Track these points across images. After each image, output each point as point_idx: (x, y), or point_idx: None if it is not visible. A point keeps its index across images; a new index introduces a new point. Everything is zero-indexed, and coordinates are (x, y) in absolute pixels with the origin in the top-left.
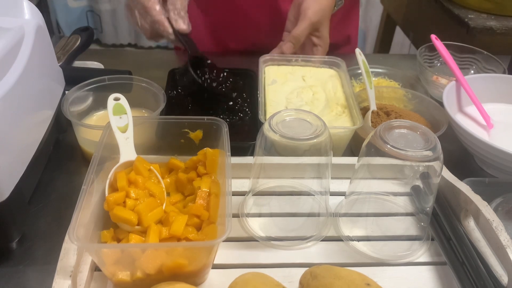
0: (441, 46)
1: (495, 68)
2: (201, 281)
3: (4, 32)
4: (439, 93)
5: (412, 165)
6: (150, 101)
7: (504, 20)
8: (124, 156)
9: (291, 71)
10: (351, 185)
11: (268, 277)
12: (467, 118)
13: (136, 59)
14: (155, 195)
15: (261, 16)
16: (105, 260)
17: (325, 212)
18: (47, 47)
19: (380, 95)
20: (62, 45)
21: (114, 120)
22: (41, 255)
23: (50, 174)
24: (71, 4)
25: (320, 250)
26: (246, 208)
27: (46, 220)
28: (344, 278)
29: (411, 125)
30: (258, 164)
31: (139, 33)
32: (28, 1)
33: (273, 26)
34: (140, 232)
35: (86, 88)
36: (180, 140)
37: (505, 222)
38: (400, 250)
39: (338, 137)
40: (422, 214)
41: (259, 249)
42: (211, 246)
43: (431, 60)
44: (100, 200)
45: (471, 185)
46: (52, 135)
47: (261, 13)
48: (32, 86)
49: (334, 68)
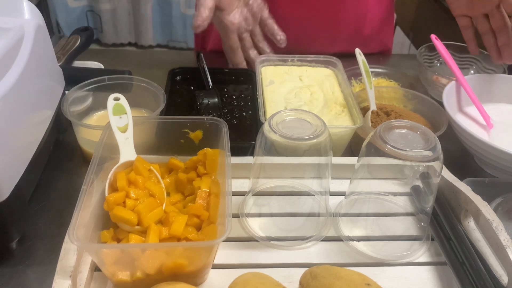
0: (441, 46)
1: (495, 68)
2: (201, 281)
3: (4, 32)
4: (439, 93)
5: (412, 165)
6: (150, 101)
7: None
8: (124, 156)
9: (287, 71)
10: (351, 185)
11: (268, 277)
12: (467, 118)
13: (136, 59)
14: (155, 195)
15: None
16: (105, 260)
17: (325, 212)
18: (47, 47)
19: (380, 95)
20: (62, 45)
21: (114, 120)
22: (41, 255)
23: (50, 174)
24: (71, 4)
25: (320, 250)
26: (246, 208)
27: (46, 220)
28: (344, 278)
29: (411, 125)
30: (258, 164)
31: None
32: (28, 1)
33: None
34: (140, 232)
35: (86, 88)
36: (180, 140)
37: (505, 222)
38: (400, 250)
39: (338, 137)
40: (422, 214)
41: (259, 249)
42: (211, 246)
43: (431, 60)
44: (100, 200)
45: (471, 185)
46: (52, 135)
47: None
48: (32, 86)
49: (330, 68)
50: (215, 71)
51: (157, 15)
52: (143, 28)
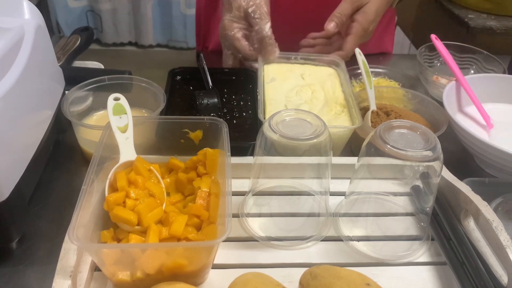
0: (441, 46)
1: (495, 68)
2: (201, 281)
3: (4, 32)
4: (439, 93)
5: (412, 165)
6: (150, 101)
7: (504, 20)
8: (124, 156)
9: (290, 69)
10: (351, 185)
11: (268, 277)
12: (467, 118)
13: (136, 59)
14: (155, 195)
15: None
16: (105, 260)
17: (325, 212)
18: (47, 47)
19: (380, 95)
20: (62, 45)
21: (114, 120)
22: (41, 255)
23: (50, 174)
24: (71, 4)
25: (320, 250)
26: (246, 208)
27: (46, 220)
28: (344, 278)
29: (411, 125)
30: (258, 164)
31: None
32: (28, 1)
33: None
34: (140, 232)
35: (86, 88)
36: (180, 140)
37: (505, 222)
38: (400, 250)
39: (337, 136)
40: (422, 214)
41: (259, 249)
42: (211, 246)
43: (431, 60)
44: (100, 200)
45: (471, 185)
46: (52, 135)
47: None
48: (32, 86)
49: (333, 67)
50: (215, 71)
51: (157, 15)
52: (143, 28)
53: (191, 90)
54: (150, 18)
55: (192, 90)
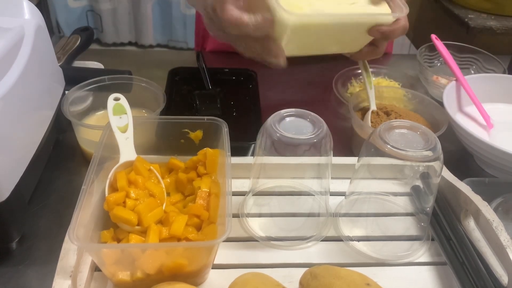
0: (441, 46)
1: (495, 68)
2: (201, 281)
3: (4, 32)
4: (439, 93)
5: (412, 165)
6: (150, 101)
7: (504, 20)
8: (124, 156)
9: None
10: (351, 185)
11: (268, 277)
12: (467, 118)
13: (136, 59)
14: (155, 195)
15: None
16: (105, 260)
17: (325, 212)
18: (47, 47)
19: (380, 95)
20: (62, 45)
21: (114, 120)
22: (41, 255)
23: (50, 174)
24: (71, 4)
25: (320, 250)
26: (246, 208)
27: (46, 220)
28: (344, 278)
29: (411, 125)
30: (258, 164)
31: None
32: (28, 1)
33: None
34: (140, 232)
35: (86, 88)
36: (180, 140)
37: (505, 222)
38: (400, 250)
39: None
40: (422, 214)
41: (259, 249)
42: (211, 246)
43: (431, 60)
44: (100, 200)
45: (471, 185)
46: (52, 135)
47: None
48: (32, 86)
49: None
50: (215, 71)
51: (157, 15)
52: (143, 28)
53: (191, 90)
54: (150, 18)
55: (192, 90)
